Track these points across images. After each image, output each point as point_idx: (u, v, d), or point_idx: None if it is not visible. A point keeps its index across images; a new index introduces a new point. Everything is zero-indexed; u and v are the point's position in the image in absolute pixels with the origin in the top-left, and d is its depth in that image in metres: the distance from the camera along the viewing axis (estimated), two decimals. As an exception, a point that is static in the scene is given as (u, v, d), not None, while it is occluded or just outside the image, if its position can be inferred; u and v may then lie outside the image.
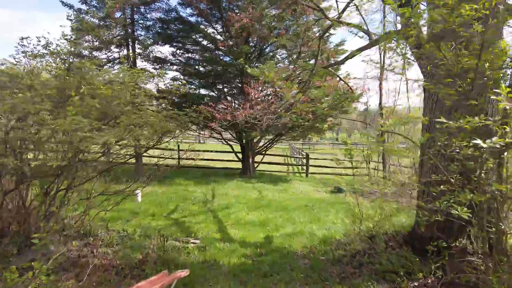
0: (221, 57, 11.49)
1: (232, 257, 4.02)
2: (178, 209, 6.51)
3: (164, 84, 12.33)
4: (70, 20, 9.55)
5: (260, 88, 10.58)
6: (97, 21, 9.98)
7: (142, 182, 4.39)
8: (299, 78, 10.30)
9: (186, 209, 6.49)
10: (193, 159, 5.56)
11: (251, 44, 11.29)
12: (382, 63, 13.43)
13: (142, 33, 11.87)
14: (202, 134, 14.86)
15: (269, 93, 11.39)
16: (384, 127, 3.25)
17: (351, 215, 4.78)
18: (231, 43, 10.50)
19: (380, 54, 13.48)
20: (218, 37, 11.56)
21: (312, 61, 11.09)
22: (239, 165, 12.82)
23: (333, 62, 10.66)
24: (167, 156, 5.09)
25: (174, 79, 12.03)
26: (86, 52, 11.00)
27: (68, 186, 3.69)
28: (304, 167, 14.56)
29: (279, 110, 8.94)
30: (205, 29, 11.42)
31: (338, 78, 12.45)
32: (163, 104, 5.01)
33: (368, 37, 5.36)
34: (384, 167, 12.51)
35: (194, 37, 11.46)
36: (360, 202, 4.84)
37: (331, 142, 44.67)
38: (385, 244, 4.15)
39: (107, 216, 5.39)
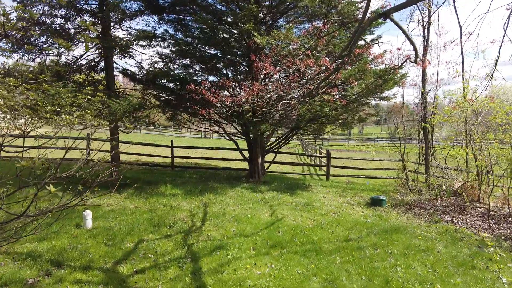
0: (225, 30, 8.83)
1: None
2: (139, 249, 3.91)
3: (151, 63, 9.80)
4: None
5: (272, 70, 7.88)
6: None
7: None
8: (328, 50, 7.51)
9: (152, 250, 3.88)
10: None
11: (260, 14, 8.52)
12: (426, 38, 10.51)
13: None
14: (198, 127, 12.28)
15: (283, 75, 8.70)
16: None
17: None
18: None
19: (424, 28, 10.57)
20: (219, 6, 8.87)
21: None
22: (245, 164, 10.21)
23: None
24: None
25: (162, 55, 9.38)
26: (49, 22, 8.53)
27: None
28: (324, 168, 11.83)
29: (300, 92, 6.25)
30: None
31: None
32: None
33: None
34: (427, 170, 9.64)
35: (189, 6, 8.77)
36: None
37: (343, 137, 41.57)
38: None
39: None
